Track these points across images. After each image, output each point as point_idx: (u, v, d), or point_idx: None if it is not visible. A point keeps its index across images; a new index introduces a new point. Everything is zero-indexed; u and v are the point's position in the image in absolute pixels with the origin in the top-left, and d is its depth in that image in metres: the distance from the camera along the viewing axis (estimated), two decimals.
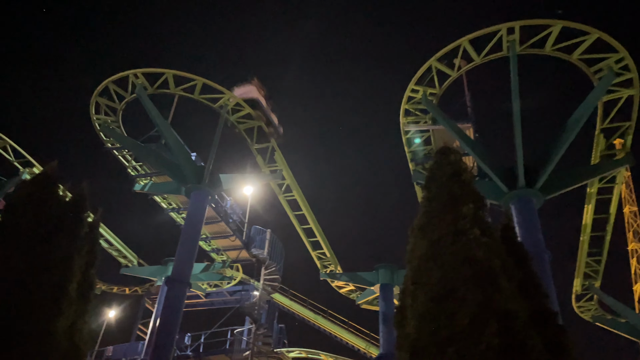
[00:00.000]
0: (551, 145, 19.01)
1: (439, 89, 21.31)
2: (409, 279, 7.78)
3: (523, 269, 7.84)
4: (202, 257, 30.47)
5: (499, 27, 18.81)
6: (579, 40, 18.55)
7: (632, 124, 20.10)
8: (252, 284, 32.57)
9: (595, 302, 29.96)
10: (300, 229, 28.43)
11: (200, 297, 34.54)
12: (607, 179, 22.61)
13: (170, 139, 22.52)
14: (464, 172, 8.73)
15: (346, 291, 33.12)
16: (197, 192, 22.34)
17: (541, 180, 18.56)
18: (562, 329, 7.60)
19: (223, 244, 29.41)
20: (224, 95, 23.61)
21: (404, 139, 23.24)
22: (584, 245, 25.83)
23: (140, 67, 22.90)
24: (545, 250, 17.31)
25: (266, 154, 25.17)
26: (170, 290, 20.20)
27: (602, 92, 18.76)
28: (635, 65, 18.70)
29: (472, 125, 21.95)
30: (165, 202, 28.26)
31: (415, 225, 8.52)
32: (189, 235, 21.49)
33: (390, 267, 28.77)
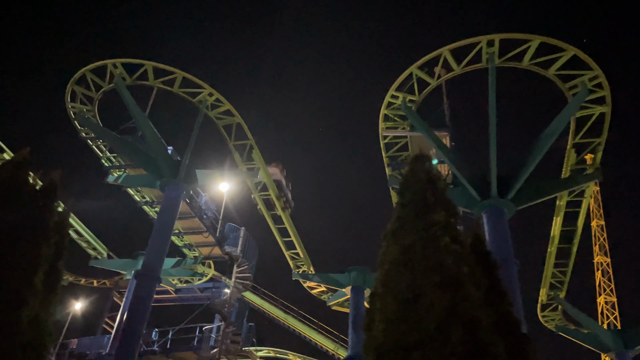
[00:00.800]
0: (524, 157, 19.44)
1: (419, 96, 21.58)
2: (379, 283, 7.86)
3: (490, 277, 8.02)
4: (174, 253, 30.17)
5: (479, 38, 19.16)
6: (555, 56, 19.04)
7: (603, 140, 20.72)
8: (224, 281, 32.33)
9: (560, 312, 30.71)
10: (274, 228, 28.39)
11: (170, 293, 34.13)
12: (576, 192, 23.22)
13: (147, 131, 22.24)
14: (438, 179, 8.86)
15: (317, 292, 33.19)
16: (172, 186, 22.11)
17: (513, 190, 18.96)
18: (525, 337, 7.80)
19: (196, 240, 29.18)
20: (204, 90, 23.42)
21: (382, 144, 23.45)
22: (551, 256, 26.46)
23: (119, 57, 22.58)
24: (514, 259, 17.69)
25: (244, 152, 25.06)
26: (140, 284, 19.95)
27: (575, 108, 19.29)
28: (608, 83, 19.29)
29: (448, 133, 22.29)
30: (138, 195, 27.87)
31: (388, 229, 8.62)
32: (162, 230, 21.26)
33: (363, 269, 28.97)
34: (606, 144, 20.86)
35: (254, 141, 24.94)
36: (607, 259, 55.28)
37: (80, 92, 23.54)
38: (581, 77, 19.18)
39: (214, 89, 23.49)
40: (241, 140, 24.90)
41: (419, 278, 7.00)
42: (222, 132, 24.82)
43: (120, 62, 22.47)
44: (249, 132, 24.69)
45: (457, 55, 19.94)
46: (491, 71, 19.12)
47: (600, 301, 53.47)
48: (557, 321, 31.16)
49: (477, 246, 8.84)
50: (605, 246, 56.10)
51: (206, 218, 27.56)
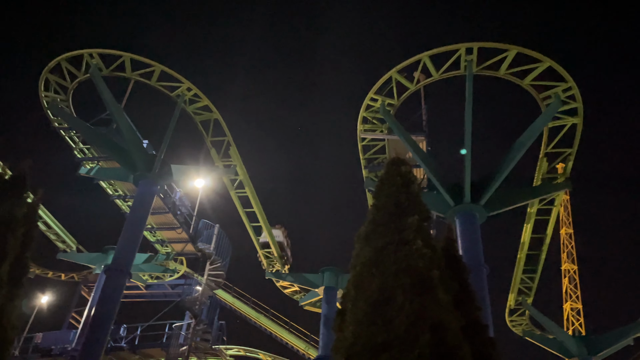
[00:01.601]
0: (497, 165, 19.81)
1: (397, 100, 21.78)
2: (351, 284, 7.91)
3: (460, 282, 8.16)
4: (146, 248, 29.74)
5: (458, 46, 19.45)
6: (531, 67, 19.46)
7: (574, 151, 21.28)
8: (196, 278, 32.02)
9: (527, 318, 31.40)
10: (249, 226, 28.24)
11: (140, 289, 33.63)
12: (546, 200, 23.77)
13: (122, 123, 21.88)
14: (413, 183, 8.97)
15: (290, 292, 33.16)
16: (146, 180, 21.80)
17: (485, 197, 19.31)
18: (492, 341, 7.97)
19: (168, 235, 28.80)
20: (182, 85, 23.17)
21: (359, 146, 23.58)
22: (520, 262, 27.03)
23: (96, 46, 22.16)
24: (484, 264, 18.02)
25: (221, 148, 24.88)
26: (109, 279, 19.63)
27: (548, 118, 19.75)
28: (581, 95, 19.81)
29: (425, 138, 22.57)
30: (111, 188, 27.38)
31: (362, 231, 8.68)
32: (134, 225, 20.95)
33: (336, 270, 29.07)
34: (577, 154, 21.44)
35: (232, 138, 24.79)
36: (575, 267, 56.63)
37: (54, 80, 23.02)
38: (555, 89, 19.65)
39: (192, 83, 23.28)
40: (218, 137, 24.71)
41: (390, 280, 7.07)
42: (200, 127, 24.60)
43: (97, 52, 22.05)
44: (226, 129, 24.53)
45: (436, 61, 20.20)
46: (468, 78, 19.42)
47: (566, 308, 54.69)
48: (524, 326, 31.85)
49: (449, 250, 8.97)
50: (573, 254, 57.43)
51: (180, 214, 27.24)
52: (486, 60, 19.72)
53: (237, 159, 25.06)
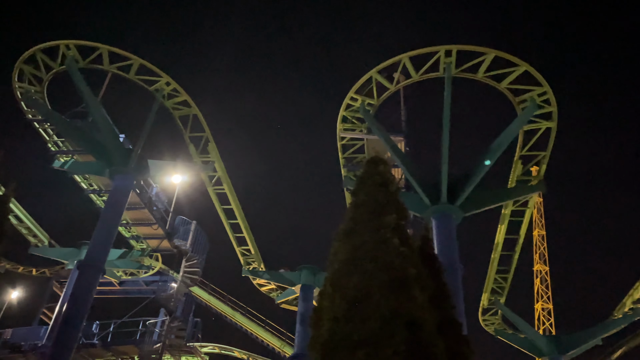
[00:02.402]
0: (474, 166, 20.12)
1: (377, 100, 21.93)
2: (328, 282, 7.96)
3: (436, 280, 8.29)
4: (120, 244, 29.30)
5: (437, 48, 19.69)
6: (508, 71, 19.82)
7: (548, 154, 21.76)
8: (171, 275, 31.70)
9: (499, 317, 31.97)
10: (227, 223, 28.08)
11: (114, 285, 33.11)
12: (520, 202, 24.25)
13: (98, 116, 21.53)
14: (391, 183, 9.07)
15: (267, 289, 33.09)
16: (122, 175, 21.51)
17: (462, 197, 19.59)
18: (465, 339, 8.13)
19: (144, 231, 28.43)
20: (161, 79, 22.91)
21: (339, 145, 23.67)
22: (494, 263, 27.52)
23: (73, 38, 21.74)
24: (459, 263, 18.29)
25: (199, 144, 24.68)
26: (82, 275, 19.33)
27: (524, 121, 20.15)
28: (555, 100, 20.25)
29: (404, 138, 22.79)
30: (85, 182, 26.90)
31: (341, 230, 8.74)
32: (109, 220, 20.66)
33: (313, 268, 29.11)
34: (550, 157, 21.93)
35: (211, 134, 24.62)
36: (546, 268, 57.83)
37: (29, 71, 22.52)
38: (531, 93, 20.05)
39: (171, 78, 23.03)
40: (197, 132, 24.52)
41: (367, 278, 7.15)
42: (178, 122, 24.36)
43: (73, 44, 21.64)
44: (205, 124, 24.35)
45: (416, 62, 20.40)
46: (447, 80, 19.67)
47: (538, 307, 55.83)
48: (496, 325, 32.41)
49: (425, 249, 9.12)
50: (545, 255, 58.62)
51: (156, 210, 26.92)
52: (465, 63, 19.99)
53: (215, 156, 24.90)
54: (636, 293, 25.02)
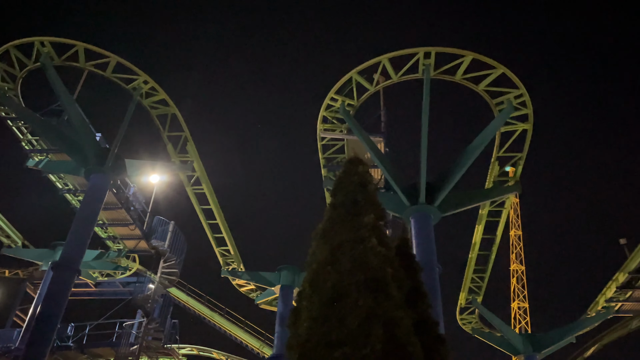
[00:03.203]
0: (452, 167, 20.35)
1: (357, 101, 22.02)
2: (306, 282, 7.96)
3: (413, 280, 8.36)
4: (96, 244, 28.83)
5: (416, 50, 19.86)
6: (485, 73, 20.10)
7: (524, 155, 22.14)
8: (148, 276, 31.31)
9: (477, 316, 32.41)
10: (206, 223, 27.84)
11: (90, 286, 32.55)
12: (497, 203, 24.62)
13: (73, 115, 21.14)
14: (369, 183, 9.11)
15: (246, 290, 32.92)
16: (98, 175, 21.17)
17: (440, 198, 19.78)
18: (441, 338, 8.20)
19: (121, 232, 28.02)
20: (139, 77, 22.61)
21: (319, 145, 23.69)
22: (471, 262, 27.89)
23: (48, 34, 21.30)
24: (437, 263, 18.48)
25: (178, 143, 24.43)
26: (57, 276, 18.96)
27: (500, 123, 20.45)
28: (531, 102, 20.62)
29: (383, 139, 22.92)
30: (60, 182, 26.39)
31: (319, 229, 8.75)
32: (84, 220, 20.31)
33: (293, 268, 29.05)
34: (527, 159, 22.31)
35: (189, 133, 24.39)
36: (522, 267, 58.85)
37: (2, 68, 21.98)
38: (507, 95, 20.37)
39: (149, 76, 22.74)
40: (176, 132, 24.26)
41: (345, 278, 7.17)
42: (156, 121, 24.07)
43: (49, 41, 21.20)
44: (184, 124, 24.12)
45: (395, 64, 20.54)
46: (426, 82, 19.85)
47: (514, 306, 56.79)
48: (473, 324, 32.86)
49: (403, 249, 9.18)
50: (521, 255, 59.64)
51: (133, 210, 26.55)
52: (443, 65, 20.21)
53: (194, 155, 24.68)
54: (609, 292, 25.59)
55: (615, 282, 24.93)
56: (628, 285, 24.71)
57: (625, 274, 24.13)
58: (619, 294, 25.30)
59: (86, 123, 22.03)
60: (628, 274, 24.08)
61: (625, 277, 24.26)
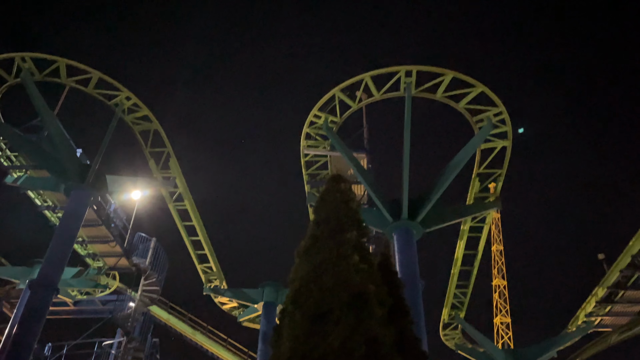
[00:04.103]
0: (433, 183, 20.59)
1: (340, 118, 22.25)
2: (289, 300, 7.95)
3: (395, 296, 8.40)
4: (75, 262, 28.32)
5: (398, 68, 20.21)
6: (465, 91, 20.51)
7: (503, 172, 22.52)
8: (129, 294, 30.80)
9: (459, 332, 32.47)
10: (188, 240, 27.58)
11: (68, 305, 31.88)
12: (478, 218, 24.90)
13: (54, 131, 20.94)
14: (352, 200, 9.20)
15: (229, 308, 32.56)
16: (78, 191, 20.92)
17: (422, 214, 19.96)
18: (424, 354, 8.24)
19: (101, 249, 27.58)
20: (121, 93, 22.54)
21: (302, 161, 23.79)
22: (454, 278, 28.05)
23: (29, 50, 21.17)
24: (419, 279, 18.57)
25: (160, 159, 24.30)
26: (34, 295, 18.57)
27: (480, 140, 20.82)
28: (510, 120, 21.05)
29: (366, 155, 23.11)
30: (39, 198, 25.96)
31: (302, 246, 8.77)
32: (63, 237, 19.99)
33: (276, 285, 28.86)
34: (506, 175, 22.69)
35: (172, 149, 24.30)
36: (504, 282, 59.27)
37: None
38: (487, 112, 20.78)
39: (131, 92, 22.69)
40: (158, 148, 24.15)
41: (327, 295, 7.19)
42: (138, 137, 23.95)
43: (29, 56, 21.07)
44: (166, 140, 24.04)
45: (378, 82, 20.85)
46: (407, 100, 20.16)
47: (496, 322, 57.04)
48: (456, 340, 32.89)
49: (385, 266, 9.23)
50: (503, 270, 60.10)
51: (114, 227, 26.20)
52: (424, 83, 20.57)
53: (177, 171, 24.56)
54: (588, 307, 25.91)
55: (595, 296, 25.27)
56: (607, 299, 25.06)
57: (604, 288, 24.47)
58: (599, 308, 25.62)
59: (67, 139, 21.82)
60: (607, 289, 24.42)
61: (604, 291, 24.61)
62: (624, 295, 24.67)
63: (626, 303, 25.21)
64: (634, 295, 24.71)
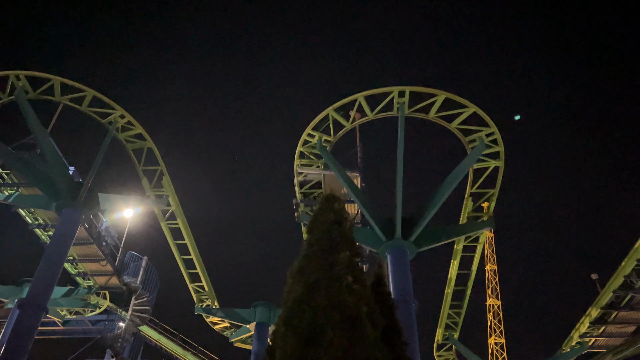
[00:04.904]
0: (427, 202, 20.63)
1: (334, 137, 22.35)
2: (281, 321, 7.87)
3: (388, 317, 8.34)
4: (65, 281, 27.97)
5: (391, 89, 20.41)
6: (458, 112, 20.70)
7: (496, 191, 22.62)
8: (119, 314, 30.37)
9: (454, 352, 32.19)
10: (180, 259, 27.35)
11: (57, 325, 31.36)
12: (472, 238, 24.91)
13: (46, 149, 20.86)
14: (345, 220, 9.17)
15: (221, 328, 32.17)
16: (70, 209, 20.76)
17: (415, 233, 19.95)
18: None
19: (92, 268, 27.29)
20: (115, 112, 22.55)
21: (295, 180, 23.79)
22: (447, 298, 27.91)
23: (23, 68, 21.21)
24: (413, 299, 18.45)
25: (153, 178, 24.23)
26: (23, 314, 18.27)
27: (472, 160, 20.94)
28: (502, 140, 21.23)
29: (360, 174, 23.14)
30: (30, 216, 25.73)
31: (295, 267, 8.72)
32: (54, 256, 19.77)
33: (269, 305, 28.61)
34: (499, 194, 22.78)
35: (165, 167, 24.25)
36: (498, 302, 59.04)
37: None
38: (479, 133, 20.96)
39: (126, 110, 22.71)
40: (151, 166, 24.10)
41: (320, 316, 7.12)
42: (132, 155, 23.90)
43: (24, 74, 21.10)
44: (160, 158, 24.01)
45: (371, 102, 21.02)
46: (401, 120, 20.31)
47: (491, 342, 56.64)
48: None
49: (378, 286, 9.19)
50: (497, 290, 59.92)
51: (105, 245, 25.97)
52: (417, 103, 20.76)
53: (170, 189, 24.48)
54: (582, 327, 25.85)
55: (589, 317, 25.23)
56: (601, 320, 25.02)
57: (598, 309, 24.46)
58: (592, 329, 25.56)
59: (59, 157, 21.74)
60: (600, 309, 24.41)
61: (597, 312, 24.59)
62: (618, 316, 24.66)
63: (619, 324, 25.19)
64: (628, 316, 24.72)
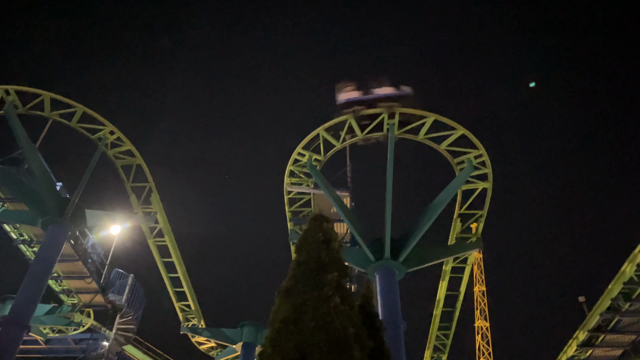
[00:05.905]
0: (416, 223, 20.68)
1: (324, 156, 22.42)
2: (268, 342, 7.80)
3: (375, 339, 8.31)
4: (48, 298, 27.46)
5: (379, 110, 20.61)
6: (447, 134, 20.92)
7: (484, 212, 22.74)
8: (103, 332, 29.80)
9: None
10: (166, 277, 27.04)
11: (39, 343, 30.66)
12: (460, 259, 24.94)
13: (34, 164, 20.69)
14: (334, 240, 9.19)
15: (206, 347, 31.67)
16: (56, 225, 20.52)
17: (404, 253, 19.94)
18: None
19: (76, 285, 26.83)
20: (105, 128, 22.47)
21: (285, 198, 23.77)
22: (436, 319, 27.77)
23: (13, 82, 21.12)
24: (401, 320, 18.34)
25: (142, 194, 24.07)
26: (4, 332, 17.90)
27: (461, 182, 21.10)
28: (490, 162, 21.44)
29: (349, 194, 23.17)
30: (15, 232, 25.35)
31: (283, 287, 8.68)
32: (38, 273, 19.46)
33: (256, 325, 28.26)
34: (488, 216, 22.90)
35: (154, 184, 24.12)
36: (487, 324, 58.82)
37: None
38: (468, 155, 21.16)
39: (115, 126, 22.64)
40: (140, 182, 23.96)
41: (308, 338, 7.09)
42: (120, 172, 23.76)
43: (14, 89, 21.01)
44: (149, 174, 23.89)
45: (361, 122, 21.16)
46: (390, 141, 20.46)
47: None
48: None
49: (366, 308, 9.17)
50: (486, 311, 59.75)
51: (91, 262, 25.61)
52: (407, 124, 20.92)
53: (158, 206, 24.31)
54: (570, 350, 25.81)
55: (576, 340, 25.21)
56: (588, 343, 25.02)
57: (585, 332, 24.47)
58: (580, 352, 25.53)
59: (47, 172, 21.56)
60: (587, 332, 24.42)
61: (585, 335, 24.59)
62: (605, 339, 24.68)
63: (607, 347, 25.20)
64: (615, 339, 24.75)
